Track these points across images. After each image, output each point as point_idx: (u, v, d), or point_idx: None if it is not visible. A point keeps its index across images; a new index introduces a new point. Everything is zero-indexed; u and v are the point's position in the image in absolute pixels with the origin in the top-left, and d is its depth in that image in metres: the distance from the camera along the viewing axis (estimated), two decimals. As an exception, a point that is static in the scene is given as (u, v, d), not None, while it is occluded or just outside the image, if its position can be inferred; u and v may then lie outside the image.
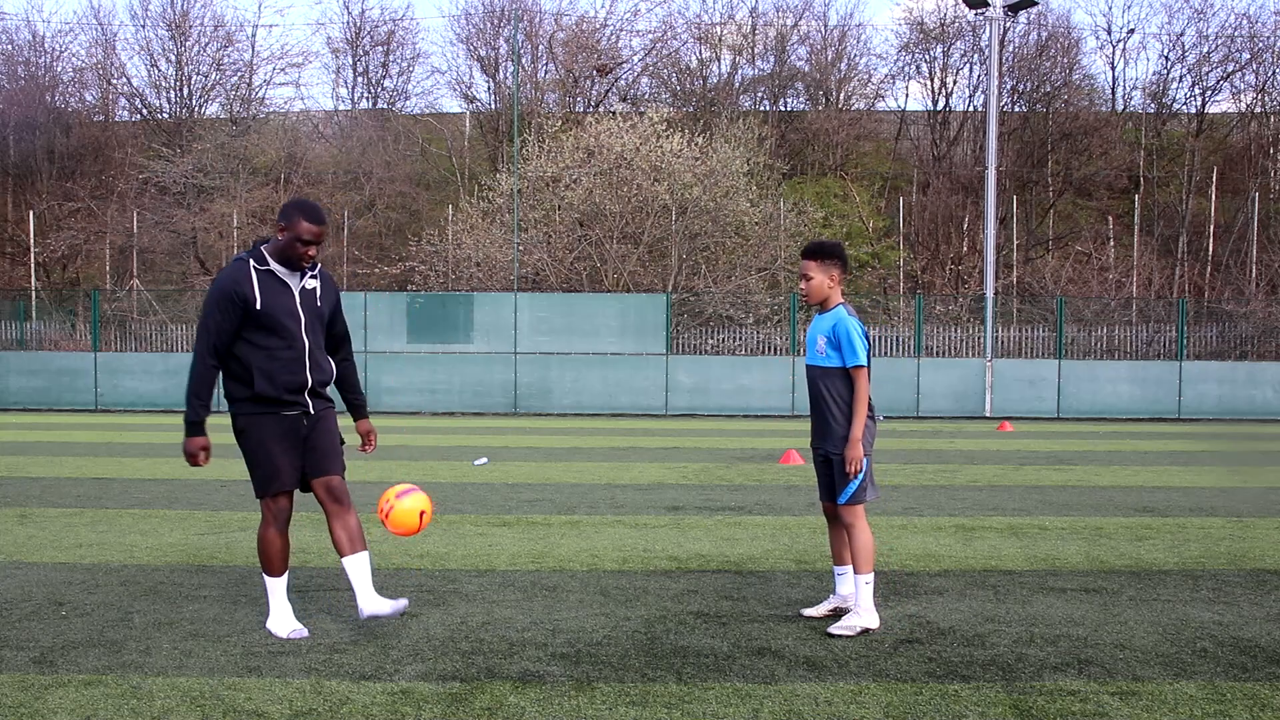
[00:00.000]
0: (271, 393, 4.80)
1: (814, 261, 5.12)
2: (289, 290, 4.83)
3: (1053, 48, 40.49)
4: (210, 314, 4.74)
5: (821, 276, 5.11)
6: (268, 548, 4.87)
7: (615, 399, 24.10)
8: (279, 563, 4.89)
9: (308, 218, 4.79)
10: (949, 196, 38.07)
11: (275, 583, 4.91)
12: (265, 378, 4.79)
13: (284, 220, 4.79)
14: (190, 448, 4.83)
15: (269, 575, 4.91)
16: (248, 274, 4.76)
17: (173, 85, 41.17)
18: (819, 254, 5.14)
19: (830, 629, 4.96)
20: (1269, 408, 24.17)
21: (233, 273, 4.77)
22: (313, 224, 4.78)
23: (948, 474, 11.81)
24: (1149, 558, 6.86)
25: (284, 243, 4.81)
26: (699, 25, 42.69)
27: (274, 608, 4.91)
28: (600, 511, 8.76)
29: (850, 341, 5.01)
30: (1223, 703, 3.99)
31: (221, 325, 4.73)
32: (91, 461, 12.60)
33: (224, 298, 4.72)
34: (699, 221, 30.60)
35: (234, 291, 4.71)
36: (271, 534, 4.86)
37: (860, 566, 5.02)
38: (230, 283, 4.73)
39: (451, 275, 32.36)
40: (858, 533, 5.05)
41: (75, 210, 36.46)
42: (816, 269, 5.11)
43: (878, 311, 31.90)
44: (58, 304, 33.92)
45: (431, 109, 44.24)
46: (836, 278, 5.14)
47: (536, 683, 4.16)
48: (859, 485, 5.05)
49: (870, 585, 5.02)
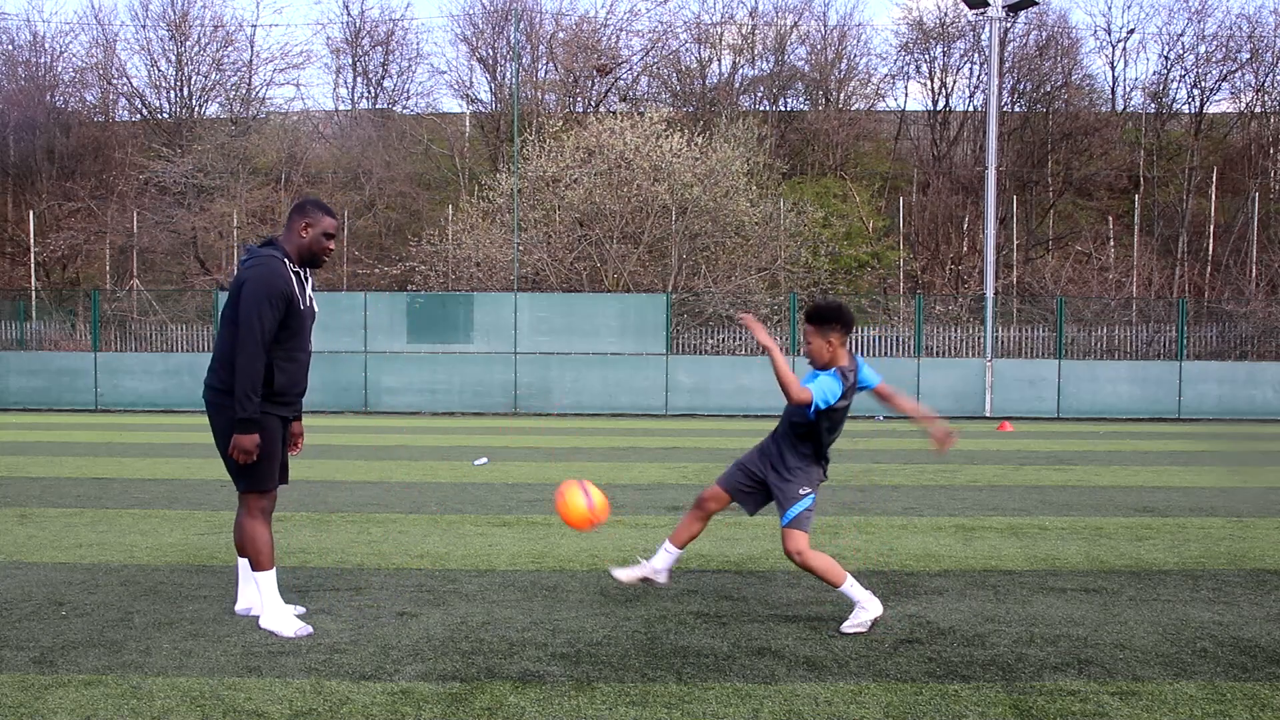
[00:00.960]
0: (290, 391, 4.88)
1: (812, 326, 5.12)
2: (306, 293, 4.92)
3: (1052, 48, 40.52)
4: (262, 311, 4.68)
5: (820, 341, 5.11)
6: (258, 541, 4.87)
7: (615, 399, 24.11)
8: (269, 555, 4.90)
9: (327, 212, 4.91)
10: (949, 196, 38.08)
11: (267, 577, 4.88)
12: (286, 377, 4.84)
13: (306, 218, 4.84)
14: (249, 445, 4.77)
15: (263, 570, 4.87)
16: (288, 272, 4.79)
17: (173, 85, 41.22)
18: (816, 319, 5.13)
19: (842, 627, 4.98)
20: (1269, 408, 24.17)
21: (279, 270, 4.76)
22: (333, 217, 4.94)
23: (948, 474, 11.81)
24: (1149, 558, 6.86)
25: (309, 240, 4.85)
26: (699, 25, 42.72)
27: (275, 605, 4.88)
28: (600, 511, 8.76)
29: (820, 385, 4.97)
30: (1223, 703, 3.99)
31: (273, 322, 4.72)
32: (91, 461, 12.60)
33: (275, 294, 4.71)
34: (699, 221, 30.61)
35: (283, 290, 4.73)
36: (260, 527, 4.89)
37: (835, 582, 4.99)
38: (281, 281, 4.74)
39: (451, 275, 32.37)
40: (811, 562, 4.99)
41: (75, 210, 36.47)
42: (814, 334, 5.11)
43: (878, 311, 31.91)
44: (58, 304, 33.93)
45: (432, 109, 44.27)
46: (836, 341, 5.11)
47: (536, 683, 4.16)
48: (803, 511, 5.02)
49: (854, 584, 5.00)
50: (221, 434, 4.89)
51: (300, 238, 4.86)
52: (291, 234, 4.88)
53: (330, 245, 4.94)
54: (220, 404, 4.85)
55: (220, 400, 4.85)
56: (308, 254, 4.88)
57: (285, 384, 4.86)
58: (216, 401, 4.87)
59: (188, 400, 24.26)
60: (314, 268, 4.97)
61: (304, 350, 4.92)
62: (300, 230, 4.85)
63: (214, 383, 4.88)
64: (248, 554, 4.92)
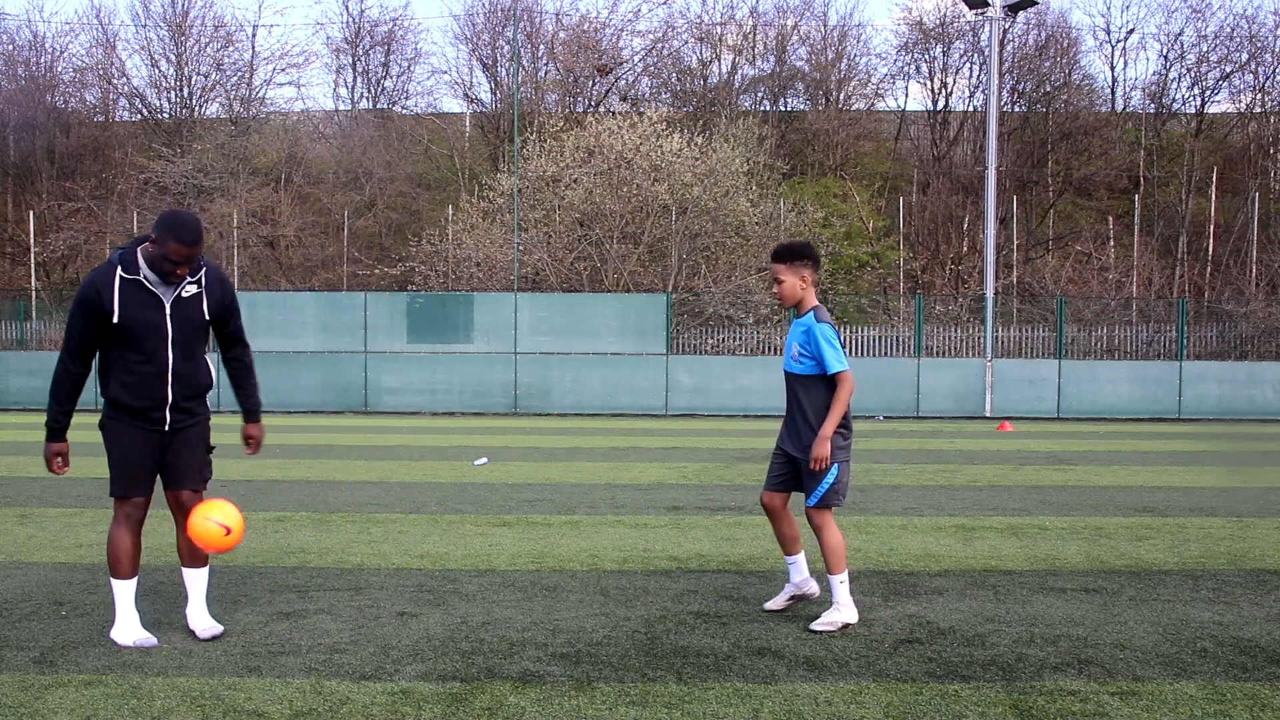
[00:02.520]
0: (129, 403, 4.69)
1: (783, 264, 5.06)
2: (157, 302, 4.59)
3: (1052, 48, 40.52)
4: (72, 318, 4.57)
5: (793, 279, 5.06)
6: (115, 547, 4.73)
7: (615, 399, 24.10)
8: (128, 564, 4.73)
9: (178, 238, 4.47)
10: (949, 196, 38.08)
11: (123, 586, 4.72)
12: (122, 388, 4.68)
13: (155, 233, 4.51)
14: (47, 453, 4.69)
15: (116, 578, 4.73)
16: (110, 283, 4.52)
17: (173, 85, 41.22)
18: (788, 256, 5.07)
19: (812, 625, 4.98)
20: (1269, 408, 24.17)
21: (96, 280, 4.55)
22: (182, 245, 4.48)
23: (948, 474, 11.81)
24: (1149, 558, 6.86)
25: (153, 256, 4.57)
26: (699, 25, 42.72)
27: (120, 613, 4.72)
28: (600, 511, 8.76)
29: (823, 350, 4.95)
30: (1223, 703, 3.99)
31: (83, 331, 4.58)
32: (91, 461, 12.56)
33: (85, 304, 4.54)
34: (699, 221, 30.60)
35: (94, 300, 4.53)
36: (120, 533, 4.74)
37: (833, 567, 5.01)
38: (92, 291, 4.53)
39: (451, 275, 32.36)
40: (827, 535, 5.01)
41: (75, 210, 36.46)
42: (787, 271, 5.06)
43: (878, 311, 31.90)
44: (58, 304, 33.89)
45: (432, 109, 44.27)
46: (809, 279, 5.09)
47: (536, 683, 4.16)
48: (829, 488, 5.00)
49: (845, 584, 5.01)
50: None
51: (149, 250, 4.61)
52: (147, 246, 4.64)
53: (175, 270, 4.54)
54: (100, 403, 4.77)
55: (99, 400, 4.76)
56: (156, 269, 4.58)
57: (127, 397, 4.67)
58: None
59: (188, 400, 24.25)
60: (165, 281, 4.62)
61: (149, 363, 4.62)
62: (151, 242, 4.59)
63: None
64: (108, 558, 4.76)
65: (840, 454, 5.02)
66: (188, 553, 4.90)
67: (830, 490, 5.01)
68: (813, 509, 5.04)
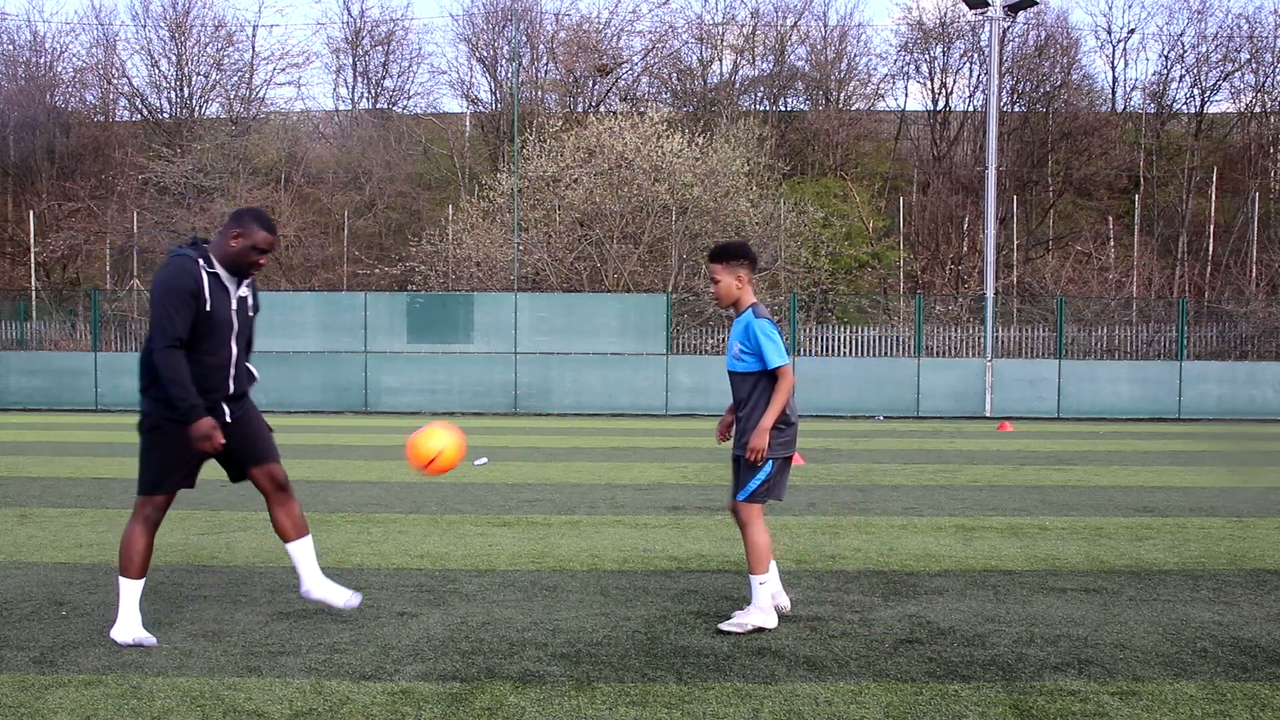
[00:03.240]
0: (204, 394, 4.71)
1: (719, 264, 5.08)
2: (228, 297, 4.75)
3: (1052, 48, 40.52)
4: (170, 308, 4.57)
5: (729, 278, 5.07)
6: (131, 546, 4.72)
7: (615, 399, 24.10)
8: (140, 564, 4.73)
9: (265, 227, 4.75)
10: (949, 196, 38.08)
11: (132, 585, 4.72)
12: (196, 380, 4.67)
13: (239, 227, 4.70)
14: (204, 429, 4.61)
15: (126, 576, 4.72)
16: (199, 273, 4.64)
17: (173, 85, 41.23)
18: (723, 256, 5.09)
19: (720, 625, 4.95)
20: (1269, 408, 24.17)
21: (188, 269, 4.63)
22: (270, 233, 4.76)
23: (948, 474, 11.81)
24: (1149, 558, 6.86)
25: (237, 250, 4.71)
26: (699, 25, 42.73)
27: (124, 612, 4.71)
28: (600, 511, 8.76)
29: (763, 345, 4.94)
30: (1223, 703, 3.99)
31: (186, 319, 4.60)
32: (91, 461, 12.60)
33: (185, 293, 4.59)
34: (699, 221, 30.60)
35: (193, 290, 4.61)
36: (138, 532, 4.74)
37: (755, 567, 4.96)
38: (190, 280, 4.61)
39: (451, 275, 32.37)
40: (751, 532, 4.97)
41: (75, 210, 36.46)
42: (723, 271, 5.07)
43: (878, 311, 31.91)
44: (58, 304, 33.92)
45: (432, 109, 44.29)
46: (744, 278, 5.09)
47: (537, 683, 4.16)
48: (760, 484, 4.97)
49: (765, 585, 4.96)
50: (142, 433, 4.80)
51: (229, 245, 4.73)
52: (223, 240, 4.76)
53: (260, 260, 4.75)
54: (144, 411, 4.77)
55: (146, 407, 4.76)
56: (232, 263, 4.75)
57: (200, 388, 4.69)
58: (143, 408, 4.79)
59: (188, 400, 24.25)
60: (240, 276, 4.81)
61: (216, 355, 4.73)
62: (231, 238, 4.72)
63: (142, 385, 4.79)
64: (120, 557, 4.75)
65: (778, 450, 4.98)
66: (291, 528, 4.96)
67: (761, 486, 4.98)
68: (740, 503, 5.01)
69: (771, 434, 4.93)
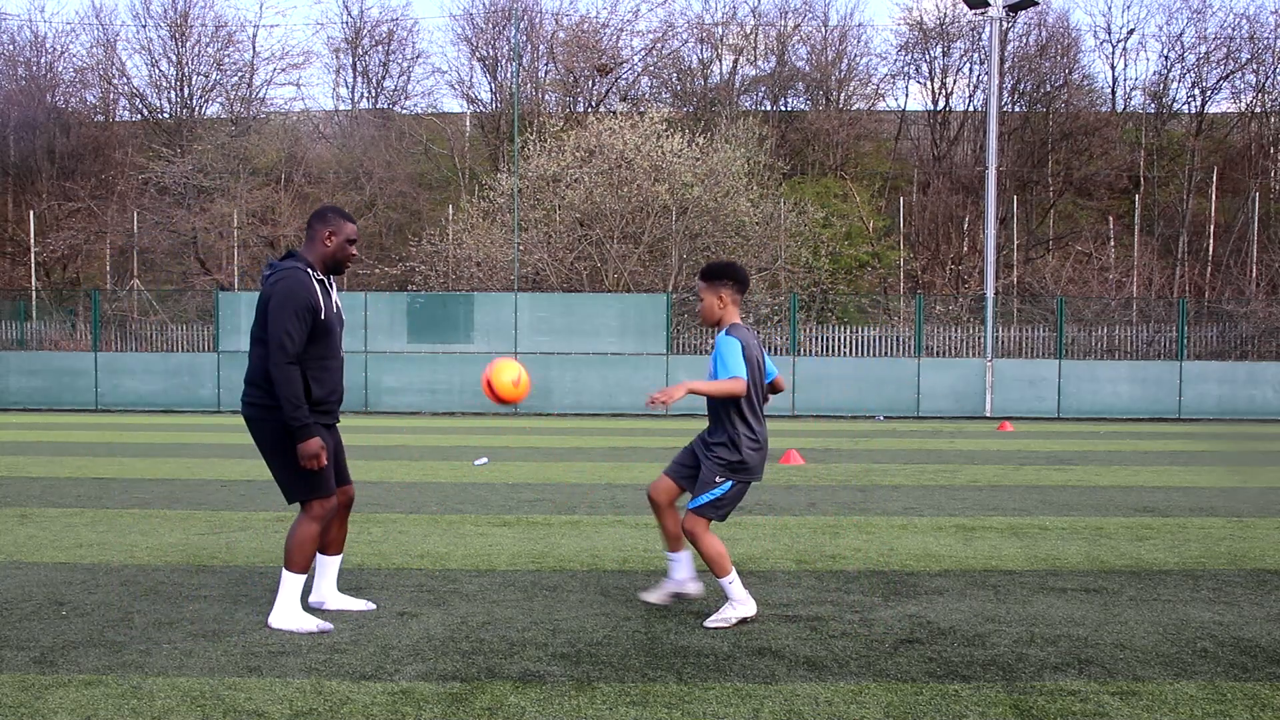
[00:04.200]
0: (326, 398, 4.93)
1: (704, 283, 5.20)
2: (332, 302, 4.96)
3: (1053, 48, 40.51)
4: (289, 324, 4.71)
5: (711, 298, 5.18)
6: (308, 545, 4.90)
7: (615, 399, 24.10)
8: (308, 562, 4.96)
9: (348, 218, 4.98)
10: (949, 196, 38.08)
11: (300, 580, 4.94)
12: (320, 385, 4.88)
13: (329, 226, 4.93)
14: (312, 449, 4.76)
15: (300, 573, 4.92)
16: (312, 284, 4.82)
17: (173, 85, 41.24)
18: (707, 275, 5.20)
19: (706, 622, 5.03)
20: (1269, 408, 24.17)
21: (303, 281, 4.79)
22: (354, 222, 5.01)
23: (948, 474, 11.81)
24: (1149, 558, 6.85)
25: (334, 248, 4.91)
26: (700, 25, 42.73)
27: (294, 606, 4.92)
28: (600, 511, 8.76)
29: (724, 358, 5.02)
30: (1223, 703, 3.99)
31: (302, 335, 4.75)
32: (91, 461, 12.60)
33: (301, 307, 4.74)
34: (699, 221, 30.59)
35: (308, 301, 4.76)
36: (317, 532, 4.92)
37: (718, 572, 5.04)
38: (305, 291, 4.77)
39: (452, 275, 32.37)
40: (703, 546, 5.04)
41: (75, 210, 36.47)
42: (706, 290, 5.19)
43: (878, 311, 31.91)
44: (58, 304, 33.94)
45: (432, 109, 44.28)
46: (727, 298, 5.18)
47: (537, 683, 4.16)
48: (712, 499, 5.04)
49: (735, 582, 5.04)
50: (267, 448, 4.93)
51: (325, 246, 4.92)
52: (315, 243, 4.93)
53: (353, 251, 5.01)
54: (260, 419, 4.90)
55: (259, 415, 4.89)
56: (331, 262, 4.94)
57: (322, 393, 4.91)
58: (256, 417, 4.92)
59: (188, 400, 24.27)
60: (337, 274, 5.04)
61: (335, 357, 4.98)
62: (324, 239, 4.91)
63: (250, 399, 4.92)
64: (293, 554, 4.90)
65: (739, 475, 5.06)
66: (338, 542, 5.29)
67: (712, 502, 5.05)
68: (690, 512, 5.09)
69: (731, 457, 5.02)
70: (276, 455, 4.90)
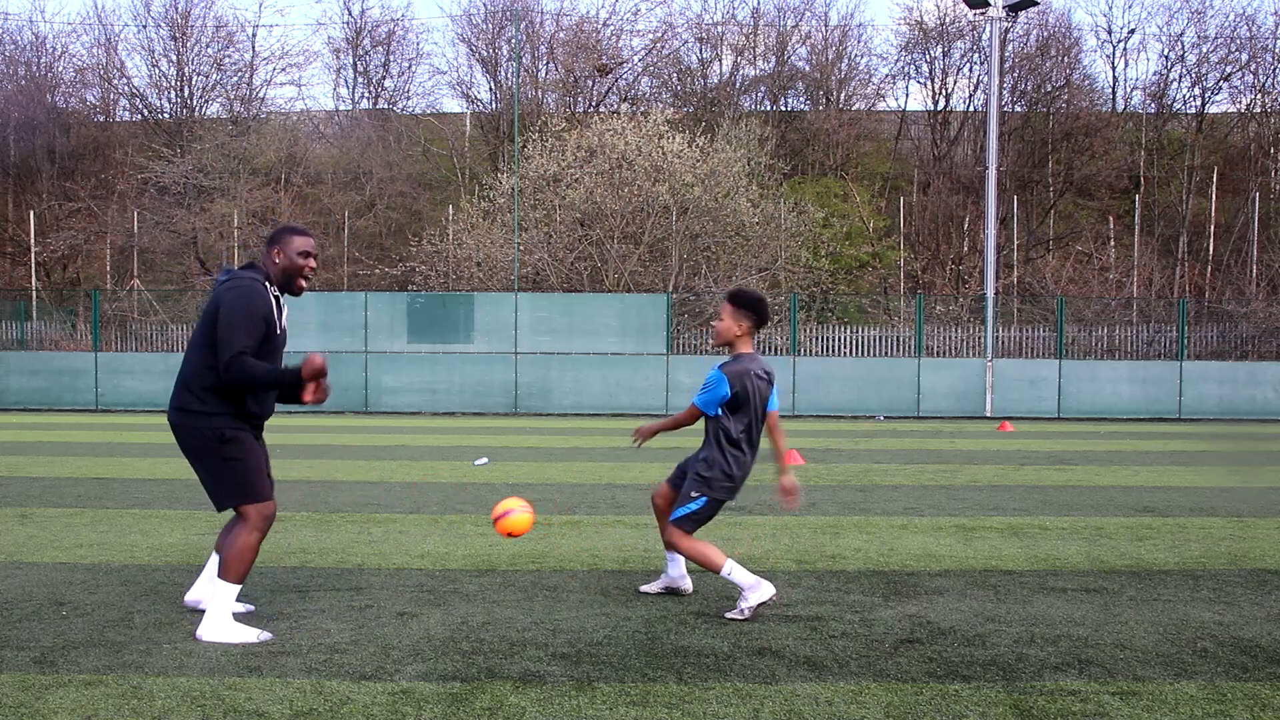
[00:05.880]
0: (259, 414, 4.91)
1: (730, 306, 5.38)
2: (282, 318, 4.94)
3: (1053, 48, 40.51)
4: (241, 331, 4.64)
5: (730, 322, 5.37)
6: (251, 556, 4.77)
7: (615, 399, 24.10)
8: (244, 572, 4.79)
9: (297, 232, 4.94)
10: (949, 196, 38.09)
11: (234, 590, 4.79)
12: (256, 401, 4.87)
13: (275, 244, 4.89)
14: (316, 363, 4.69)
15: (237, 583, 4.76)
16: (268, 296, 4.81)
17: (173, 85, 41.24)
18: (736, 301, 5.39)
19: (726, 614, 5.20)
20: (1269, 408, 24.17)
21: (261, 292, 4.77)
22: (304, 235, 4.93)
23: (948, 474, 11.81)
24: (1149, 558, 6.85)
25: (284, 263, 4.87)
26: (700, 25, 42.72)
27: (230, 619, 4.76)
28: (601, 511, 8.76)
29: (706, 389, 5.29)
30: (1223, 703, 3.99)
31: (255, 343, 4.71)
32: (92, 461, 12.60)
33: (256, 316, 4.71)
34: (700, 221, 30.59)
35: (262, 311, 4.75)
36: (258, 541, 4.80)
37: (713, 568, 5.21)
38: (261, 302, 4.75)
39: (452, 275, 32.37)
40: (688, 550, 5.29)
41: (75, 210, 36.48)
42: (729, 314, 5.38)
43: (878, 311, 31.91)
44: (58, 304, 33.94)
45: (432, 109, 44.29)
46: (745, 329, 5.37)
47: (537, 683, 4.16)
48: (689, 512, 5.30)
49: (735, 569, 5.18)
50: (194, 454, 4.84)
51: (274, 264, 4.89)
52: (267, 262, 4.91)
53: (308, 263, 4.90)
54: (186, 425, 4.80)
55: (185, 421, 4.80)
56: (284, 277, 4.89)
57: (257, 409, 4.89)
58: (182, 424, 4.82)
59: (188, 400, 24.25)
60: (293, 293, 4.96)
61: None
62: (273, 257, 4.88)
63: (180, 403, 4.83)
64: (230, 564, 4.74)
65: (717, 490, 5.31)
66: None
67: (688, 515, 5.32)
68: (672, 523, 5.38)
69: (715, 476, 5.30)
70: (202, 460, 4.81)
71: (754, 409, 5.32)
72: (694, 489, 5.31)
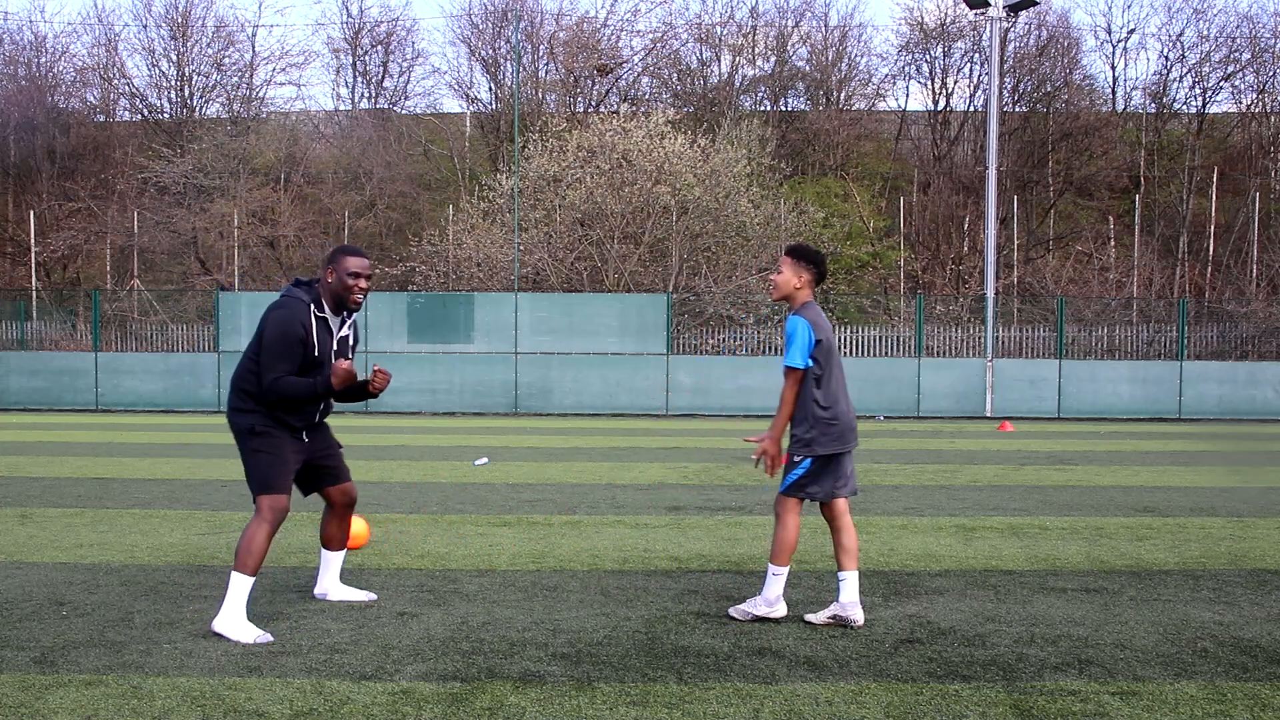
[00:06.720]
0: (289, 421, 5.06)
1: (789, 259, 5.21)
2: (331, 338, 5.07)
3: (1053, 48, 40.51)
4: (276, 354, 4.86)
5: (790, 274, 5.18)
6: (259, 544, 4.84)
7: (615, 399, 24.10)
8: (257, 563, 4.86)
9: (351, 253, 5.04)
10: (949, 196, 38.08)
11: (249, 582, 4.85)
12: (286, 412, 5.02)
13: (330, 264, 5.02)
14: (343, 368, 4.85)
15: (248, 574, 4.82)
16: (308, 317, 4.95)
17: (173, 85, 41.24)
18: (796, 253, 5.22)
19: (730, 610, 5.19)
20: (1269, 408, 24.16)
21: (299, 315, 4.92)
22: (358, 256, 5.04)
23: (948, 474, 11.81)
24: (1149, 558, 6.85)
25: (335, 284, 5.00)
26: (699, 25, 42.72)
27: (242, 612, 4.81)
28: (600, 511, 8.76)
29: (791, 340, 5.03)
30: (1223, 703, 3.99)
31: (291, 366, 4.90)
32: (91, 461, 12.60)
33: (293, 340, 4.88)
34: (700, 222, 30.59)
35: (297, 334, 4.89)
36: (267, 532, 4.88)
37: (774, 557, 5.11)
38: (296, 326, 4.89)
39: (452, 275, 32.36)
40: (780, 526, 5.12)
41: (75, 210, 36.47)
42: (789, 265, 5.20)
43: (878, 311, 31.91)
44: (58, 304, 33.93)
45: (432, 109, 44.27)
46: (805, 280, 5.18)
47: (537, 683, 4.16)
48: (796, 479, 5.09)
49: (779, 577, 5.08)
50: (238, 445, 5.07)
51: (327, 282, 5.04)
52: (322, 283, 5.07)
53: (359, 284, 5.02)
54: (231, 421, 5.07)
55: (231, 418, 5.07)
56: (335, 299, 5.04)
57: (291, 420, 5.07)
58: (230, 419, 5.09)
59: (188, 400, 24.27)
60: (348, 310, 5.11)
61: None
62: (327, 276, 5.04)
63: (229, 404, 5.10)
64: (241, 555, 4.82)
65: (818, 448, 5.03)
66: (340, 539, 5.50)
67: (795, 481, 5.10)
68: (780, 494, 5.19)
69: (813, 435, 5.04)
70: (239, 452, 5.06)
71: (835, 354, 5.13)
72: (796, 453, 5.08)
